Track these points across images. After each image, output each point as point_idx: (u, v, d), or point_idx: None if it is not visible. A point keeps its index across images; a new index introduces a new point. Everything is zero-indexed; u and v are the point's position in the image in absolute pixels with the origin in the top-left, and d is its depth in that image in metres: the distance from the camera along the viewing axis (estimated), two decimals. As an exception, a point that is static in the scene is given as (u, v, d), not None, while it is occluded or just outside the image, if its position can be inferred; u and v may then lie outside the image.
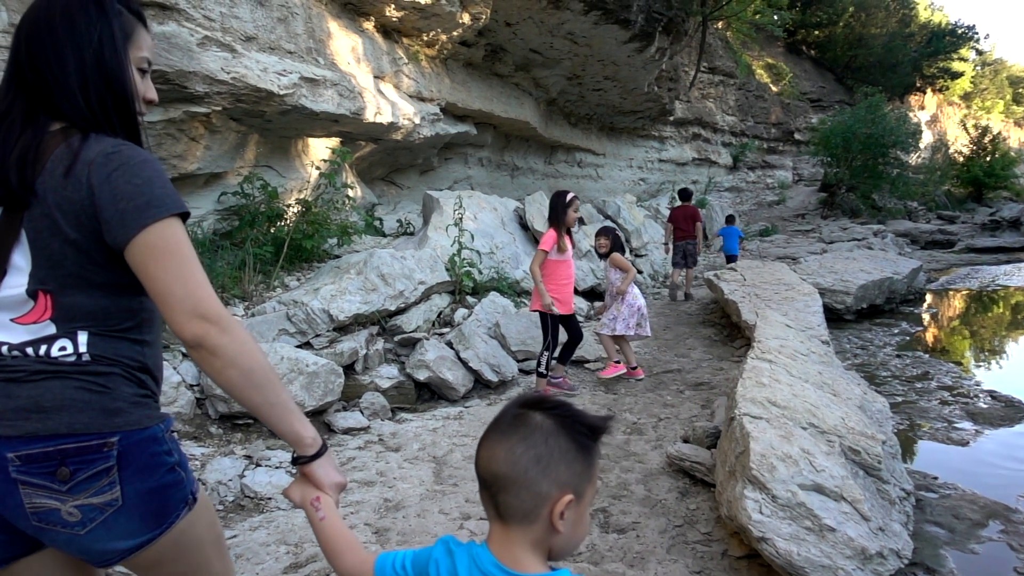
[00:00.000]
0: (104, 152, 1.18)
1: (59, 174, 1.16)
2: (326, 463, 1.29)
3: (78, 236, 1.17)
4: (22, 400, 1.16)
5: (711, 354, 6.83)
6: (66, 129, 1.21)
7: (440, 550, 1.10)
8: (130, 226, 1.15)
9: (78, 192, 1.15)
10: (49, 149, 1.18)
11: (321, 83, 6.27)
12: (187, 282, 1.17)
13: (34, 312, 1.19)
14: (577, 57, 11.66)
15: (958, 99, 46.83)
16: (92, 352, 1.21)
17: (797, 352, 4.34)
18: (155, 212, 1.17)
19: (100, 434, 1.17)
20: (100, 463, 1.17)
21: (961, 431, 5.16)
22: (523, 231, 9.15)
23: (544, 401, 1.07)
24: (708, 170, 23.21)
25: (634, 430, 4.65)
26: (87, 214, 1.16)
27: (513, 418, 1.05)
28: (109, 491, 1.17)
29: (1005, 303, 11.57)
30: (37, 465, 1.14)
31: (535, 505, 1.01)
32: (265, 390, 1.22)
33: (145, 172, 1.19)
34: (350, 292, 5.34)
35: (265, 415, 1.23)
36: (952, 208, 28.46)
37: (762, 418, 3.01)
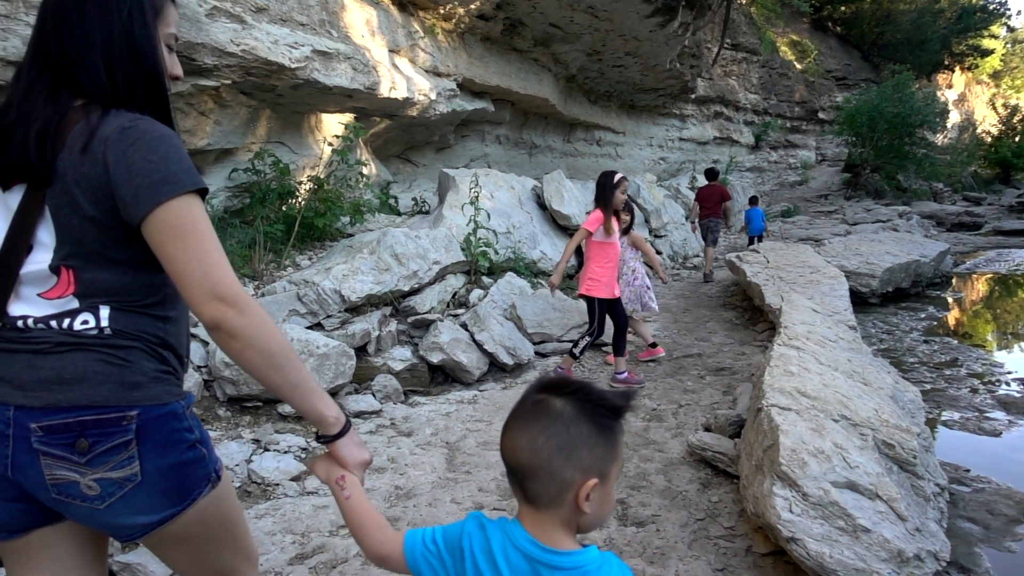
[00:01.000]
0: (121, 127, 1.17)
1: (77, 150, 1.16)
2: (349, 442, 1.29)
3: (96, 213, 1.17)
4: (45, 372, 1.17)
5: (732, 338, 6.66)
6: (87, 105, 1.20)
7: (472, 524, 1.11)
8: (144, 203, 1.14)
9: (95, 169, 1.15)
10: (70, 125, 1.18)
11: (334, 56, 6.11)
12: (204, 262, 1.16)
13: (58, 287, 1.20)
14: (598, 32, 11.35)
15: (987, 77, 45.70)
16: (113, 326, 1.22)
17: (825, 338, 4.16)
18: (170, 189, 1.16)
19: (119, 407, 1.18)
20: (118, 436, 1.17)
21: (993, 421, 4.96)
22: (541, 210, 8.97)
23: (564, 384, 1.06)
24: (730, 149, 22.80)
25: (653, 417, 4.51)
26: (104, 191, 1.16)
27: (534, 405, 1.05)
28: (128, 466, 1.18)
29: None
30: (57, 436, 1.15)
31: (560, 491, 1.02)
32: (286, 371, 1.21)
33: (162, 148, 1.18)
34: (363, 272, 5.21)
35: (287, 395, 1.23)
36: (979, 189, 27.84)
37: (791, 409, 2.85)
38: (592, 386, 1.07)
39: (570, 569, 1.02)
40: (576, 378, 1.11)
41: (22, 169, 1.18)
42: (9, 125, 1.19)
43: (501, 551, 1.06)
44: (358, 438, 1.32)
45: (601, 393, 1.05)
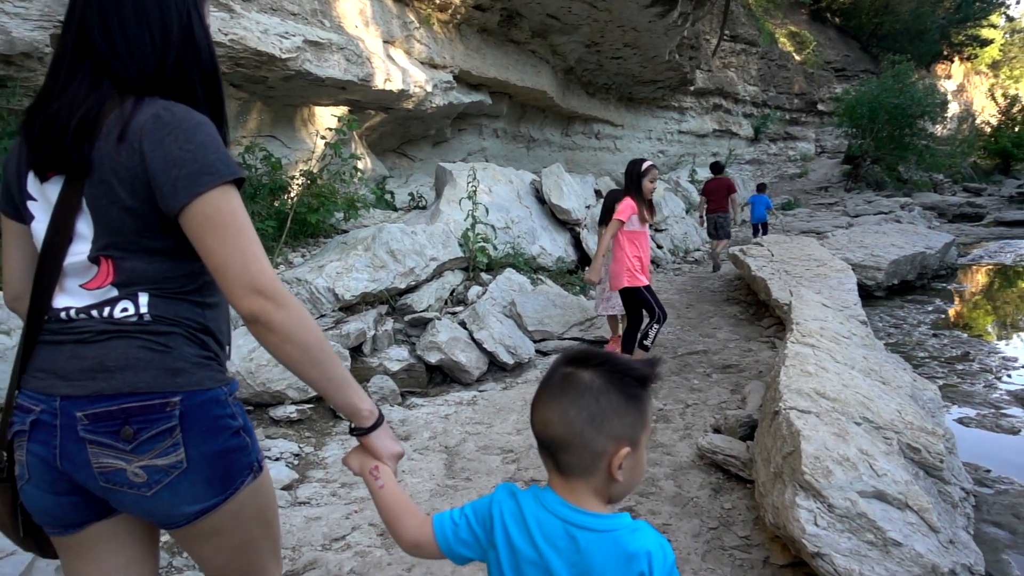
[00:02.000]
0: (155, 115, 1.16)
1: (113, 140, 1.15)
2: (383, 434, 1.30)
3: (134, 203, 1.16)
4: (89, 360, 1.17)
5: (738, 334, 6.49)
6: (123, 95, 1.19)
7: (503, 493, 1.13)
8: (182, 194, 1.13)
9: (131, 158, 1.14)
10: (106, 115, 1.16)
11: (327, 47, 5.92)
12: (243, 255, 1.15)
13: (98, 277, 1.20)
14: (596, 23, 11.16)
15: (986, 68, 45.47)
16: (153, 312, 1.21)
17: (839, 335, 3.99)
18: (208, 180, 1.14)
19: (162, 393, 1.18)
20: (162, 423, 1.17)
21: (1011, 418, 4.80)
22: (540, 204, 8.79)
23: (591, 356, 1.07)
24: (729, 142, 22.61)
25: (660, 417, 4.34)
26: (141, 181, 1.15)
27: (563, 378, 1.06)
28: (173, 453, 1.18)
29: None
30: (102, 424, 1.16)
31: (593, 460, 1.04)
32: (323, 365, 1.22)
33: (198, 136, 1.16)
34: (357, 269, 5.04)
35: (323, 389, 1.23)
36: (979, 180, 27.70)
37: (811, 412, 2.68)
38: (618, 356, 1.08)
39: (605, 531, 1.03)
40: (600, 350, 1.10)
41: (61, 160, 1.17)
42: (51, 116, 1.17)
43: (534, 517, 1.07)
44: (391, 431, 1.32)
45: (628, 362, 1.07)
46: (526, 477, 3.49)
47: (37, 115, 1.21)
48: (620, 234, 4.93)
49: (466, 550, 1.15)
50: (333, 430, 4.19)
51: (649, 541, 1.03)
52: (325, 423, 4.27)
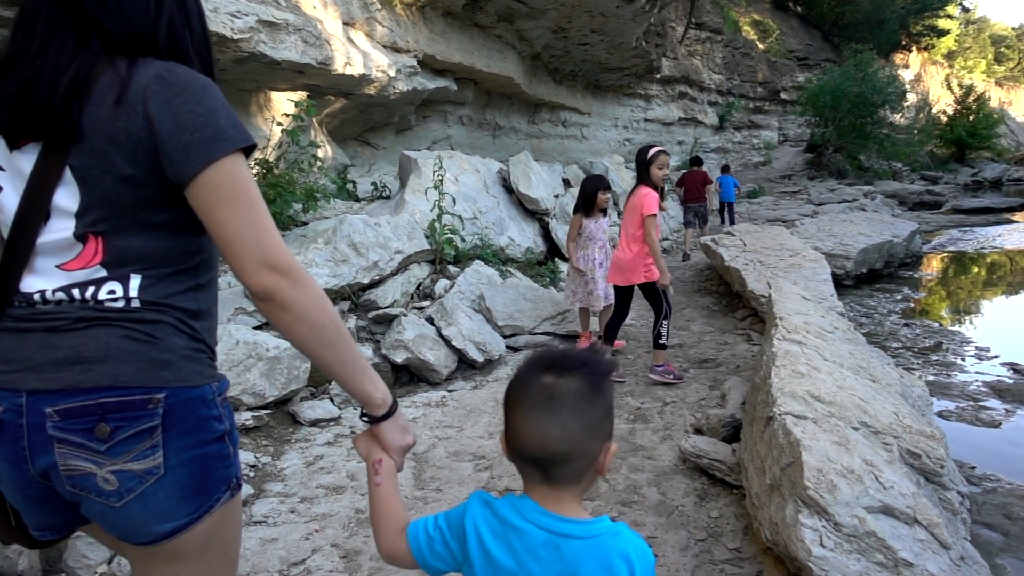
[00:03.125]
0: (158, 76, 1.06)
1: (109, 103, 1.03)
2: (394, 424, 1.23)
3: (135, 172, 1.06)
4: (63, 351, 1.06)
5: (712, 326, 6.35)
6: (112, 55, 1.07)
7: (476, 504, 1.09)
8: (195, 161, 1.04)
9: (133, 123, 1.04)
10: (96, 76, 1.05)
11: (282, 27, 5.58)
12: (257, 228, 1.07)
13: (82, 257, 1.08)
14: (563, 7, 10.91)
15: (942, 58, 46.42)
16: (142, 298, 1.10)
17: (823, 329, 3.85)
18: (222, 146, 1.06)
19: (145, 388, 1.07)
20: (144, 421, 1.06)
21: (990, 411, 4.73)
22: (507, 194, 8.54)
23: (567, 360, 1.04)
24: (694, 130, 22.60)
25: (638, 417, 4.16)
26: (144, 147, 1.05)
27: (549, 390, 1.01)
28: (151, 456, 1.07)
29: (1004, 267, 11.22)
30: (75, 420, 1.04)
31: (588, 465, 1.03)
32: (337, 347, 1.14)
33: (208, 99, 1.07)
34: (317, 264, 4.75)
35: (336, 373, 1.17)
36: (935, 168, 28.20)
37: (807, 418, 2.50)
38: (584, 353, 1.06)
39: (588, 538, 1.01)
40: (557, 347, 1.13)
41: (42, 126, 1.04)
42: (31, 78, 1.04)
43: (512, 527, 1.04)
44: (403, 421, 1.26)
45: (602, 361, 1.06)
46: (500, 486, 3.28)
47: (7, 76, 1.06)
48: (639, 226, 4.63)
49: (441, 564, 1.11)
50: (292, 437, 3.91)
51: (630, 544, 1.02)
52: (284, 429, 3.99)
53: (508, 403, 1.06)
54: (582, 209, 5.44)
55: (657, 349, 4.76)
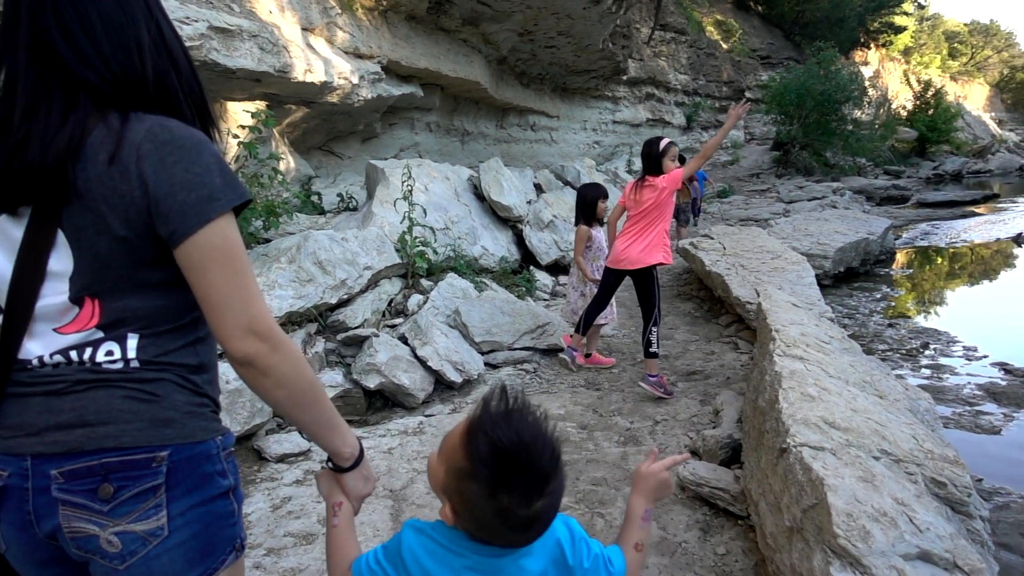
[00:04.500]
0: (151, 133, 1.03)
1: (102, 161, 1.01)
2: (357, 475, 1.26)
3: (127, 233, 1.03)
4: (65, 414, 1.04)
5: (696, 334, 6.14)
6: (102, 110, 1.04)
7: (410, 533, 1.10)
8: (191, 221, 1.02)
9: (126, 182, 1.01)
10: (87, 133, 1.02)
11: (236, 34, 5.24)
12: (244, 293, 1.06)
13: (79, 320, 1.07)
14: (529, 10, 10.69)
15: (899, 54, 47.24)
16: (141, 357, 1.09)
17: (820, 341, 3.64)
18: (217, 206, 1.04)
19: (148, 447, 1.06)
20: (147, 480, 1.05)
21: (988, 416, 4.59)
22: (479, 202, 8.27)
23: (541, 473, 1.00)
24: (663, 131, 22.53)
25: (628, 438, 3.92)
26: (137, 207, 1.02)
27: (542, 513, 1.01)
28: (154, 516, 1.05)
29: (977, 261, 11.25)
30: (79, 482, 1.03)
31: None
32: (312, 409, 1.16)
33: (203, 158, 1.06)
34: (280, 285, 4.44)
35: (308, 431, 1.19)
36: (897, 163, 28.57)
37: (824, 448, 2.28)
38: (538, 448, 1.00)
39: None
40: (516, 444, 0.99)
41: (35, 190, 1.02)
42: (19, 142, 1.01)
43: (451, 547, 1.05)
44: (367, 470, 1.28)
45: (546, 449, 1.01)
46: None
47: None
48: (666, 202, 4.43)
49: None
50: (258, 476, 3.60)
51: (557, 529, 1.07)
52: (248, 468, 3.67)
53: (492, 528, 1.01)
54: (583, 219, 5.18)
55: (648, 358, 4.54)
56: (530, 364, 5.32)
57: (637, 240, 4.55)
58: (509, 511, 0.98)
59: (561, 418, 4.26)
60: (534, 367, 5.30)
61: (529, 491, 0.98)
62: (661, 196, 4.44)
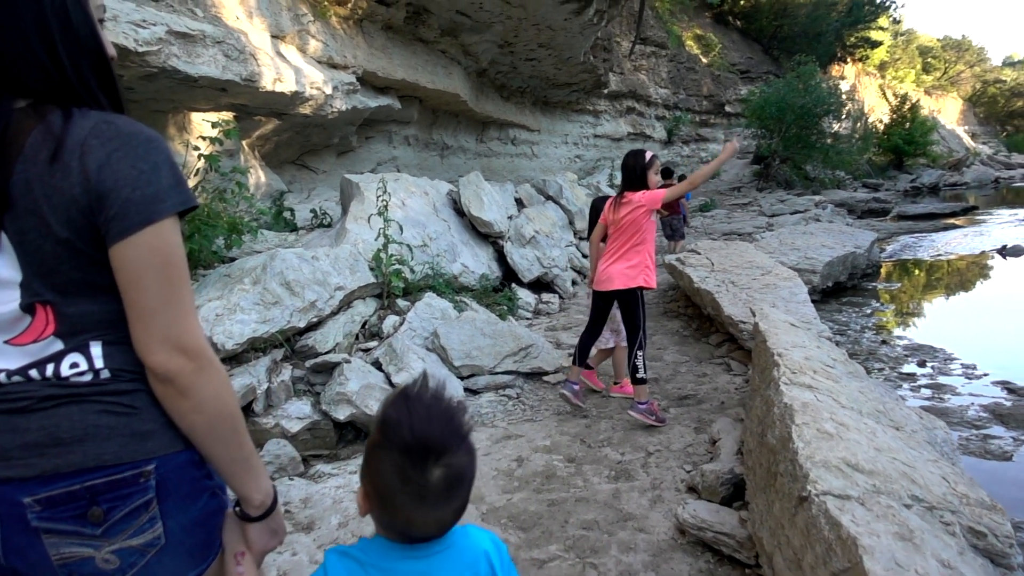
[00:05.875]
0: (96, 129, 0.98)
1: (43, 160, 0.96)
2: (264, 528, 1.17)
3: (70, 234, 0.97)
4: (32, 433, 0.98)
5: (686, 354, 5.88)
6: (36, 106, 0.99)
7: (334, 559, 1.08)
8: (132, 219, 0.97)
9: (67, 180, 0.96)
10: (23, 132, 0.97)
11: (199, 39, 4.93)
12: (177, 304, 1.01)
13: (33, 329, 1.00)
14: (509, 20, 10.47)
15: (875, 69, 47.83)
16: (110, 366, 1.03)
17: (825, 365, 3.38)
18: (163, 208, 0.99)
19: (133, 463, 1.02)
20: (138, 497, 1.02)
21: (997, 439, 4.35)
22: (459, 217, 7.98)
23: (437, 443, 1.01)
24: (644, 145, 22.43)
25: (621, 473, 3.62)
26: (79, 206, 0.97)
27: (444, 482, 1.01)
28: (150, 529, 1.03)
29: (963, 274, 11.13)
30: (62, 508, 0.98)
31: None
32: (228, 443, 1.08)
33: (152, 155, 1.00)
34: (243, 309, 4.10)
35: (220, 468, 1.10)
36: (875, 176, 28.74)
37: (851, 497, 2.00)
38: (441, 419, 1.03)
39: (445, 548, 1.06)
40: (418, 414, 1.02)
41: None
42: None
43: (377, 567, 1.05)
44: (277, 522, 1.19)
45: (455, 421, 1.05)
46: None
47: None
48: (643, 220, 4.18)
49: None
50: (214, 522, 3.25)
51: (483, 540, 1.10)
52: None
53: (392, 497, 1.01)
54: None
55: (636, 384, 4.25)
56: (512, 389, 5.02)
57: (620, 260, 4.28)
58: (405, 473, 0.99)
59: (547, 450, 3.95)
60: (517, 392, 4.99)
61: (425, 456, 0.99)
62: (637, 213, 4.17)
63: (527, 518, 3.16)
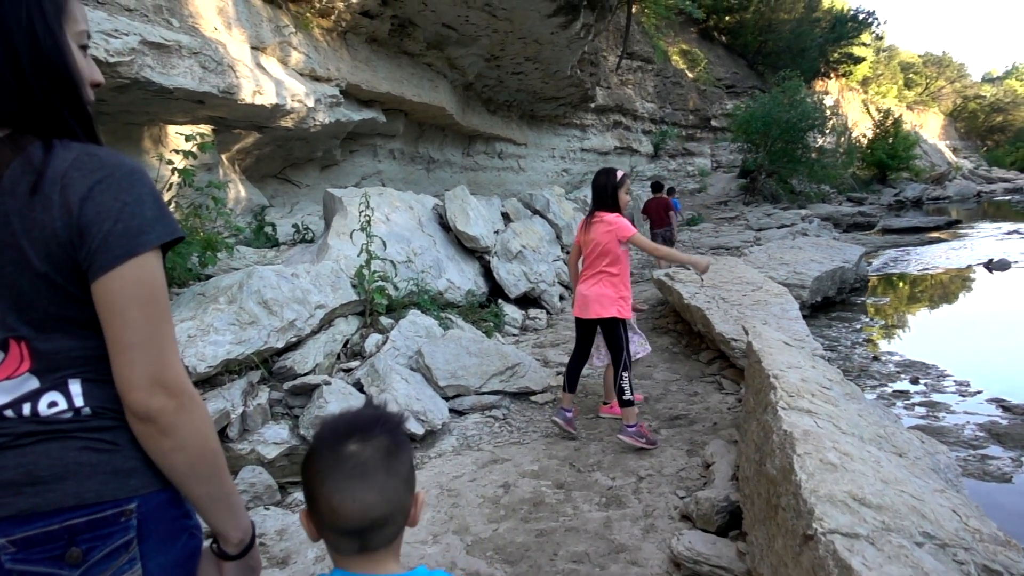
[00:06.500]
0: (77, 162, 0.96)
1: (22, 192, 0.94)
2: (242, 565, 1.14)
3: (48, 269, 0.95)
4: (9, 472, 0.94)
5: (676, 372, 5.75)
6: (14, 136, 0.97)
7: None
8: (115, 253, 0.95)
9: (48, 213, 0.94)
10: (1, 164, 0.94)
11: (174, 50, 4.78)
12: (161, 340, 0.99)
13: (6, 365, 0.96)
14: (496, 34, 10.40)
15: (857, 84, 48.38)
16: (91, 404, 0.99)
17: (822, 387, 3.25)
18: (146, 240, 0.97)
19: (115, 502, 0.98)
20: (118, 537, 0.98)
21: (995, 460, 4.25)
22: (444, 232, 7.85)
23: (361, 424, 1.04)
24: (631, 159, 22.47)
25: (612, 500, 3.47)
26: (59, 240, 0.94)
27: (356, 457, 1.02)
28: (129, 571, 0.99)
29: (951, 287, 11.12)
30: (39, 549, 0.94)
31: (404, 520, 1.06)
32: (208, 482, 1.05)
33: (135, 187, 0.98)
34: (216, 330, 3.93)
35: (198, 506, 1.08)
36: (859, 190, 28.96)
37: (859, 535, 1.87)
38: (378, 409, 1.08)
39: None
40: (347, 411, 1.08)
41: None
42: None
43: None
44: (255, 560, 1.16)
45: (385, 412, 1.08)
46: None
47: None
48: (625, 253, 4.11)
49: None
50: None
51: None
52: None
53: (312, 481, 1.02)
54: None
55: (624, 407, 4.12)
56: (499, 410, 4.87)
57: (596, 284, 4.17)
58: (321, 452, 1.02)
59: (535, 475, 3.80)
60: (503, 413, 4.84)
61: (340, 433, 1.02)
62: (608, 237, 4.08)
63: (514, 550, 3.00)
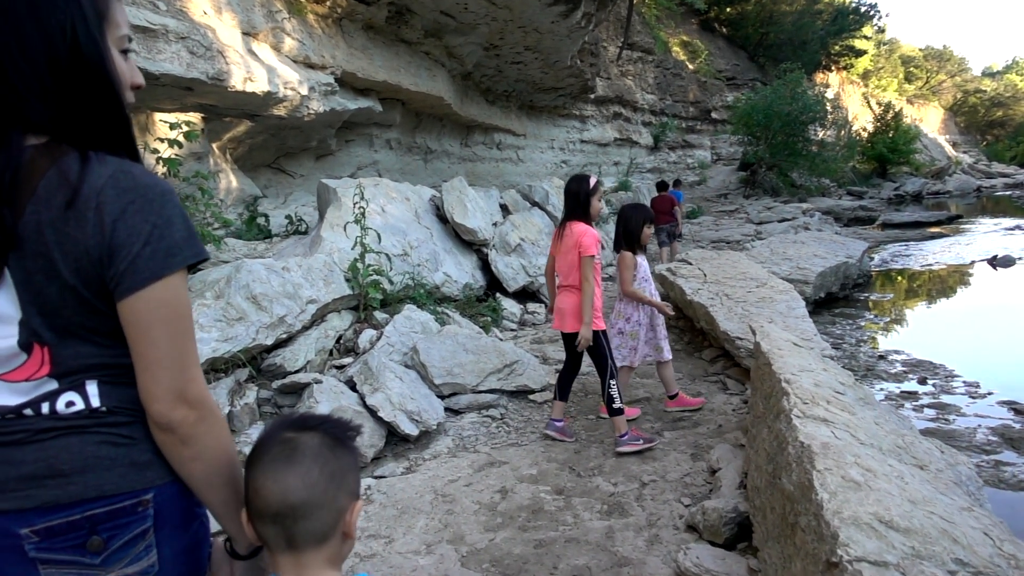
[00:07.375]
0: (113, 179, 0.97)
1: (58, 205, 0.95)
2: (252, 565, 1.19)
3: (76, 282, 0.98)
4: (29, 465, 0.99)
5: (679, 371, 5.58)
6: (50, 146, 0.97)
7: None
8: (143, 275, 0.98)
9: (82, 229, 0.96)
10: (36, 173, 0.95)
11: (160, 34, 4.60)
12: (184, 356, 1.03)
13: (27, 367, 0.99)
14: (495, 22, 10.18)
15: (858, 78, 48.12)
16: (107, 404, 1.03)
17: (835, 392, 3.10)
18: (173, 263, 1.01)
19: (133, 492, 1.03)
20: (137, 525, 1.03)
21: (1010, 467, 4.11)
22: (442, 224, 7.67)
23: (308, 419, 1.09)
24: (630, 151, 22.27)
25: (613, 507, 3.32)
26: (90, 258, 0.97)
27: (289, 443, 1.05)
28: (146, 557, 1.05)
29: (955, 283, 10.98)
30: (62, 539, 0.99)
31: (335, 521, 1.05)
32: (224, 490, 1.10)
33: (166, 209, 1.01)
34: (202, 326, 3.76)
35: (214, 510, 1.12)
36: (859, 184, 28.79)
37: (888, 564, 1.72)
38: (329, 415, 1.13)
39: None
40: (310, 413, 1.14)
41: None
42: None
43: None
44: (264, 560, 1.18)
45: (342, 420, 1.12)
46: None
47: None
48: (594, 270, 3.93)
49: None
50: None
51: None
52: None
53: (249, 464, 1.05)
54: (625, 245, 4.47)
55: (614, 416, 3.97)
56: (496, 409, 4.71)
57: (571, 295, 4.03)
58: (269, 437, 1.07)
59: (533, 479, 3.65)
60: (501, 412, 4.69)
61: (276, 427, 1.08)
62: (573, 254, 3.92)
63: (511, 562, 2.85)
